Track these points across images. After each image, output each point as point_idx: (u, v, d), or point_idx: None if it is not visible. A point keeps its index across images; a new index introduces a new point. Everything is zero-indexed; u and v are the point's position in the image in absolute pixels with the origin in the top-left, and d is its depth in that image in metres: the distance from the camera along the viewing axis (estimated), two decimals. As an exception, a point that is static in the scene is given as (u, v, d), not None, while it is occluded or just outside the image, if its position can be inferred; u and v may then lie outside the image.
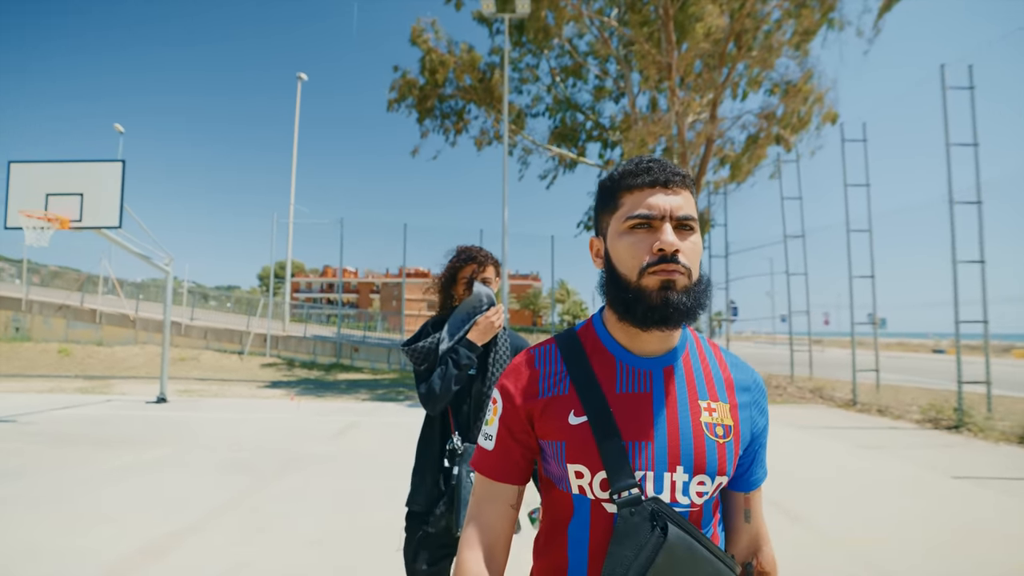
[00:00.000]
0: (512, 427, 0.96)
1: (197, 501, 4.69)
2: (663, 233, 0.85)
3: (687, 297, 0.85)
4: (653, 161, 0.91)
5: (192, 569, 3.37)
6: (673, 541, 0.81)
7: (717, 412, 0.91)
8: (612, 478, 0.85)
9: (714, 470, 0.88)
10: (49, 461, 5.96)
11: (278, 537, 3.91)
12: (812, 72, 16.15)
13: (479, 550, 0.92)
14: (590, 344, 0.97)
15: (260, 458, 6.29)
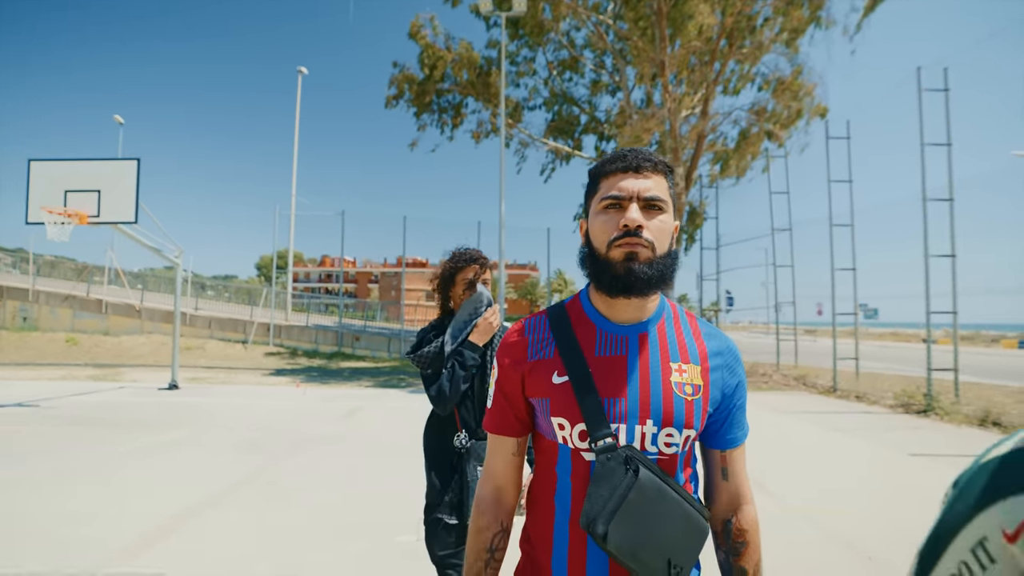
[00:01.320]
0: (505, 389, 1.09)
1: (218, 475, 5.22)
2: (629, 211, 0.97)
3: (649, 268, 0.97)
4: (630, 150, 1.03)
5: (222, 530, 3.90)
6: (644, 481, 0.92)
7: (687, 373, 1.02)
8: (590, 429, 0.97)
9: (681, 423, 0.99)
10: (76, 441, 6.47)
11: (297, 505, 4.43)
12: (802, 68, 16.58)
13: (490, 488, 1.12)
14: (575, 314, 1.09)
15: (273, 438, 6.80)
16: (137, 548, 3.54)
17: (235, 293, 27.43)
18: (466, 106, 20.24)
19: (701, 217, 18.54)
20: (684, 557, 0.95)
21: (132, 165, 8.97)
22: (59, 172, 8.88)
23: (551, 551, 1.03)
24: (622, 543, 0.91)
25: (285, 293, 23.68)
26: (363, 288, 75.27)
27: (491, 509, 1.11)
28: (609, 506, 0.91)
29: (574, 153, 20.50)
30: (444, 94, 19.89)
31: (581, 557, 1.00)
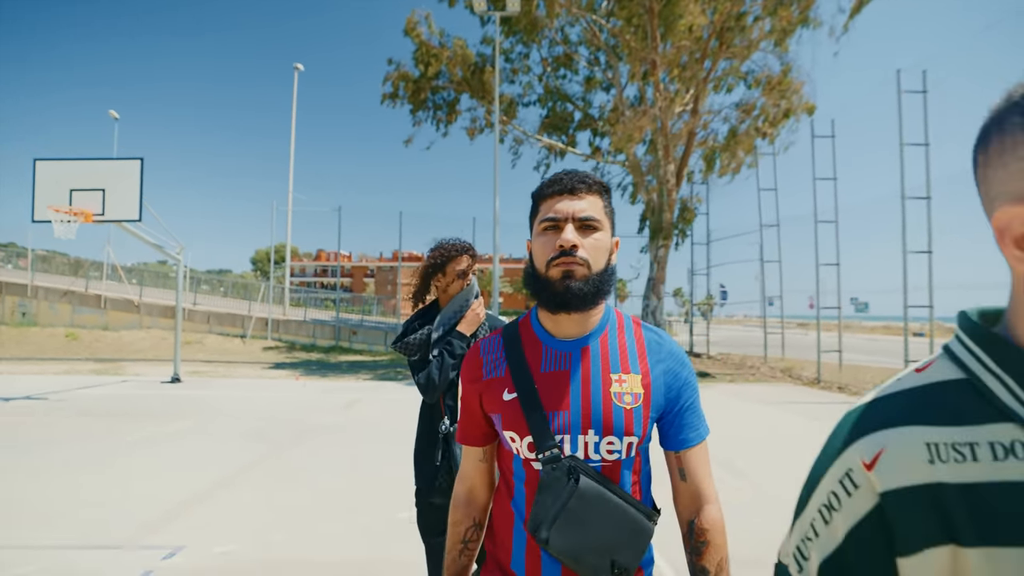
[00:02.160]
0: (468, 405, 1.18)
1: (227, 461, 5.54)
2: (565, 232, 1.04)
3: (585, 285, 1.03)
4: (565, 173, 1.09)
5: (236, 508, 4.23)
6: (584, 489, 0.99)
7: (627, 383, 1.07)
8: (537, 441, 1.04)
9: (621, 431, 1.04)
10: (87, 431, 6.77)
11: (304, 486, 4.76)
12: (790, 67, 16.91)
13: (463, 488, 1.23)
14: (525, 333, 1.16)
15: (276, 428, 7.12)
16: (158, 524, 3.86)
17: (231, 288, 27.64)
18: (460, 103, 20.46)
19: (692, 213, 18.87)
20: (627, 557, 1.01)
21: (136, 164, 9.22)
22: (64, 171, 9.12)
23: (510, 553, 1.11)
24: (564, 547, 0.99)
25: (281, 287, 23.93)
26: (359, 282, 75.42)
27: (463, 507, 1.22)
28: (551, 513, 0.99)
29: (568, 149, 20.76)
30: (439, 91, 20.09)
31: (536, 559, 1.07)
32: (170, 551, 3.44)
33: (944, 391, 0.55)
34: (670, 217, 17.10)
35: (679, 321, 40.95)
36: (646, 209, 18.07)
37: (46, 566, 3.20)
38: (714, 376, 13.86)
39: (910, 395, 0.56)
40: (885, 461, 0.52)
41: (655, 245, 17.63)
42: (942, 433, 0.51)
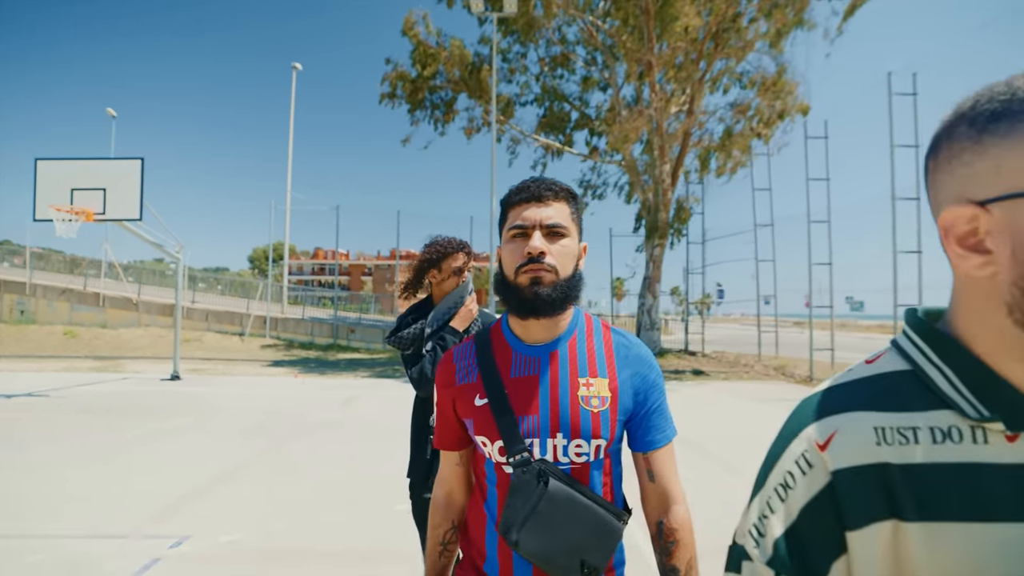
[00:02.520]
0: (443, 410, 1.20)
1: (228, 455, 5.66)
2: (532, 239, 1.05)
3: (553, 291, 1.05)
4: (532, 181, 1.11)
5: (238, 499, 4.36)
6: (553, 492, 1.01)
7: (594, 386, 1.09)
8: (507, 445, 1.06)
9: (588, 434, 1.06)
10: (90, 428, 6.88)
11: (304, 479, 4.89)
12: (785, 67, 17.05)
13: (442, 492, 1.25)
14: (496, 339, 1.18)
15: (275, 424, 7.24)
16: (163, 515, 3.99)
17: (227, 286, 27.69)
18: (458, 102, 20.56)
19: (688, 212, 19.02)
20: (597, 558, 1.04)
21: (136, 164, 9.32)
22: (65, 171, 9.22)
23: (484, 554, 1.14)
24: (533, 549, 1.01)
25: (279, 286, 24.02)
26: (356, 280, 75.44)
27: (442, 510, 1.24)
28: (521, 515, 1.01)
29: (564, 149, 20.88)
30: (436, 90, 20.19)
31: (509, 560, 1.10)
32: (177, 540, 3.57)
33: (891, 381, 0.59)
34: (665, 217, 17.25)
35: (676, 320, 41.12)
36: (642, 208, 18.22)
37: (57, 554, 3.32)
38: (708, 374, 14.02)
39: (861, 384, 0.60)
40: (837, 442, 0.56)
41: (651, 244, 17.77)
42: (888, 418, 0.56)
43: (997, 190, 0.50)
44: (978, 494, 0.51)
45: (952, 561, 0.51)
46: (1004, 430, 0.52)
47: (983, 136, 0.51)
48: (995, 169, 0.50)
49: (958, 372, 0.55)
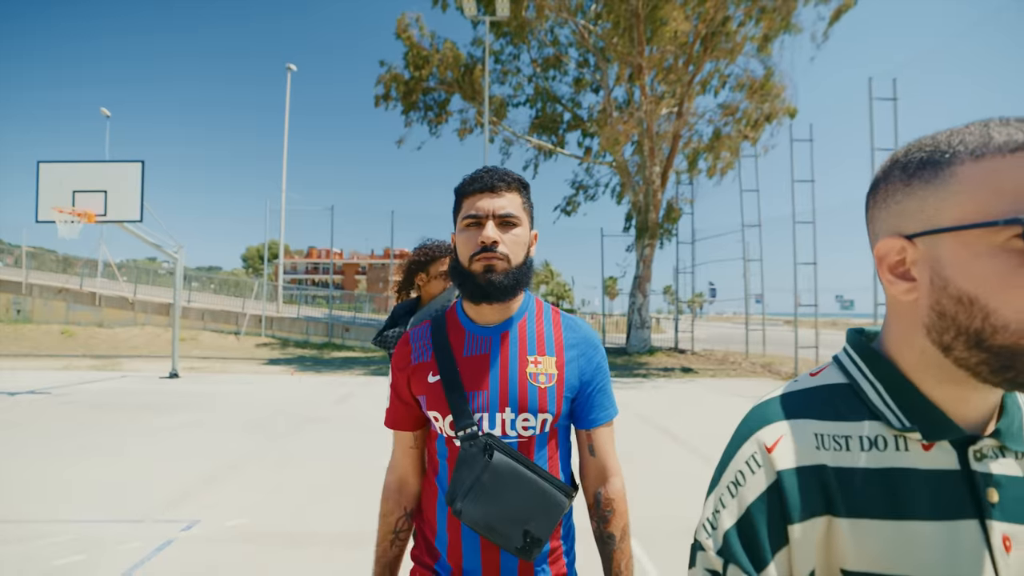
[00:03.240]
0: (397, 389, 1.24)
1: (230, 448, 5.93)
2: (486, 229, 1.10)
3: (505, 278, 1.11)
4: (486, 171, 1.15)
5: (243, 487, 4.63)
6: (496, 464, 1.06)
7: (542, 364, 1.15)
8: (456, 420, 1.10)
9: (535, 409, 1.12)
10: (96, 423, 7.12)
11: (304, 468, 5.16)
12: (773, 71, 17.41)
13: (394, 477, 1.27)
14: (451, 321, 1.24)
15: (274, 419, 7.51)
16: (173, 502, 4.26)
17: (220, 285, 27.83)
18: (451, 104, 20.82)
19: (678, 212, 19.35)
20: (540, 528, 1.08)
21: (137, 167, 9.55)
22: (67, 173, 9.43)
23: (435, 526, 1.19)
24: (476, 518, 1.06)
25: (273, 285, 24.21)
26: (350, 279, 75.53)
27: (394, 496, 1.26)
28: (465, 486, 1.06)
29: (556, 150, 21.15)
30: (430, 91, 20.44)
31: (457, 531, 1.15)
32: (187, 524, 3.84)
33: (831, 392, 0.65)
34: (655, 217, 17.57)
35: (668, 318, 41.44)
36: (632, 208, 18.53)
37: (78, 536, 3.59)
38: (697, 371, 14.35)
39: (805, 394, 0.66)
40: (782, 446, 0.61)
41: (641, 244, 18.09)
42: (826, 426, 0.62)
43: (921, 226, 0.57)
44: (897, 495, 0.58)
45: (874, 553, 0.57)
46: (921, 439, 0.59)
47: (912, 180, 0.58)
48: (920, 208, 0.57)
49: (886, 387, 0.62)
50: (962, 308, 0.54)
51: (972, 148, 0.54)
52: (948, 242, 0.55)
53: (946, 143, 0.56)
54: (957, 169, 0.54)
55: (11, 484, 4.62)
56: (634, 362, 16.53)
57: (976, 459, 0.58)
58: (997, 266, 0.51)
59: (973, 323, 0.53)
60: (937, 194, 0.55)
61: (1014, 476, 0.59)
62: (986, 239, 0.52)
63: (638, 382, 12.62)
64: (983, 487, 0.57)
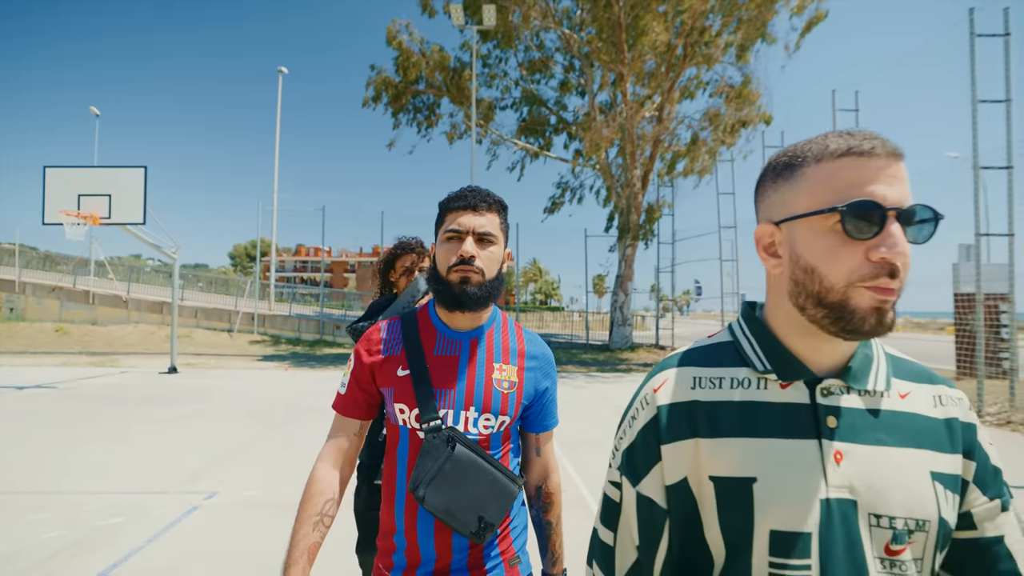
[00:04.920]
0: (359, 378, 1.31)
1: (235, 434, 6.50)
2: (465, 244, 1.21)
3: (479, 290, 1.22)
4: (470, 190, 1.26)
5: (252, 466, 5.21)
6: (458, 455, 1.17)
7: (506, 372, 1.27)
8: (422, 413, 1.20)
9: (497, 411, 1.24)
10: (105, 414, 7.64)
11: (306, 451, 5.73)
12: (750, 78, 18.12)
13: (329, 463, 1.28)
14: (423, 321, 1.32)
15: (274, 410, 8.06)
16: (192, 477, 4.83)
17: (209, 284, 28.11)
18: (440, 107, 21.32)
19: (658, 212, 20.01)
20: (494, 514, 1.19)
21: (139, 172, 10.04)
22: (72, 178, 9.90)
23: (394, 511, 1.27)
24: (437, 504, 1.15)
25: (262, 282, 24.61)
26: (339, 277, 75.65)
27: (327, 478, 1.26)
28: (429, 474, 1.15)
29: (543, 152, 21.73)
30: (419, 95, 20.92)
31: (413, 515, 1.23)
32: (208, 494, 4.42)
33: (716, 348, 0.79)
34: (637, 218, 18.24)
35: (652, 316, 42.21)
36: (614, 209, 19.18)
37: (114, 504, 4.15)
38: (674, 366, 14.99)
39: (696, 350, 0.81)
40: (665, 387, 0.77)
41: (623, 244, 18.76)
42: (705, 371, 0.76)
43: (782, 214, 0.70)
44: (752, 420, 0.71)
45: (732, 462, 0.70)
46: (778, 380, 0.72)
47: (777, 179, 0.71)
48: (782, 200, 0.70)
49: (758, 341, 0.75)
50: (807, 276, 0.67)
51: (815, 154, 0.67)
52: (799, 226, 0.68)
53: (800, 150, 0.70)
54: (805, 170, 0.68)
55: (44, 464, 5.17)
56: (616, 357, 17.19)
57: (823, 395, 0.71)
58: (828, 243, 0.65)
59: (814, 287, 0.66)
60: (792, 189, 0.69)
61: (853, 408, 0.70)
62: (821, 223, 0.66)
63: (619, 376, 13.28)
64: (824, 416, 0.69)
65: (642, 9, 15.85)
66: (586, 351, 19.17)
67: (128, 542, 3.51)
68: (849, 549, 0.65)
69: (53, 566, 3.17)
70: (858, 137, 0.65)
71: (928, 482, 0.68)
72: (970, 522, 0.72)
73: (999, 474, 0.74)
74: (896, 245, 0.62)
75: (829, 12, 16.49)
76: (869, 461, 0.68)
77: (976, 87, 7.98)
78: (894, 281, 0.63)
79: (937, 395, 0.74)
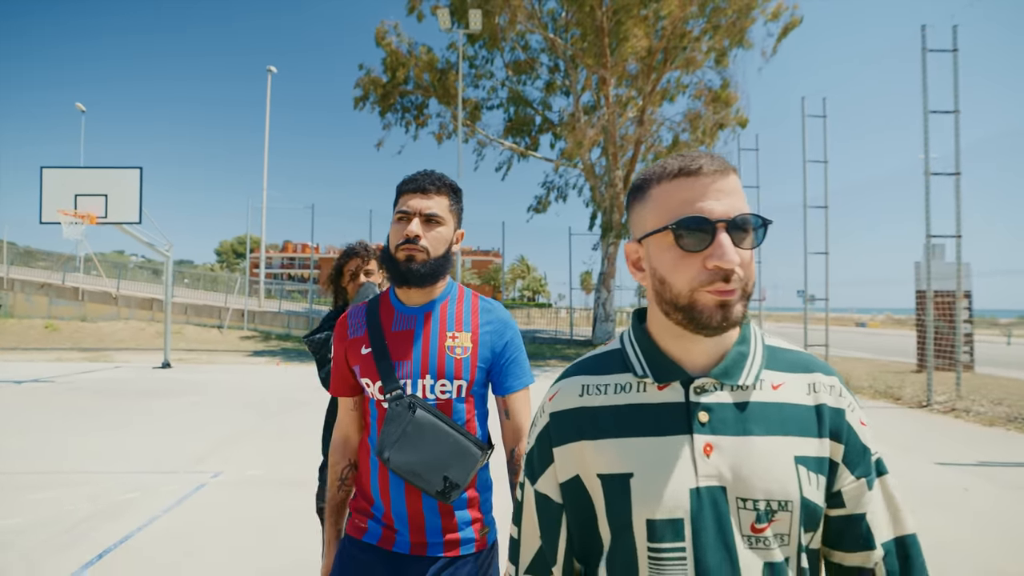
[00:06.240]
0: (337, 361, 1.45)
1: (233, 423, 6.92)
2: (411, 224, 1.31)
3: (423, 267, 1.32)
4: (422, 174, 1.36)
5: (251, 450, 5.64)
6: (419, 418, 1.28)
7: (459, 339, 1.36)
8: (384, 384, 1.32)
9: (451, 375, 1.34)
10: (108, 405, 8.01)
11: (302, 438, 6.17)
12: (729, 82, 18.69)
13: (340, 436, 1.49)
14: (383, 303, 1.44)
15: (266, 402, 8.47)
16: (200, 459, 5.26)
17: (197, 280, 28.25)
18: (428, 107, 21.66)
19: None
20: (457, 475, 1.28)
21: (135, 173, 10.36)
22: (68, 178, 10.20)
23: (369, 476, 1.39)
24: (401, 464, 1.26)
25: (252, 279, 24.84)
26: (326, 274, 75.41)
27: (340, 449, 1.47)
28: (393, 438, 1.26)
29: (529, 153, 22.14)
30: (407, 94, 21.23)
31: (386, 480, 1.34)
32: (214, 473, 4.85)
33: (606, 356, 0.86)
34: (619, 217, 18.76)
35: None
36: (597, 208, 19.68)
37: (128, 482, 4.57)
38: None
39: (588, 359, 0.88)
40: (556, 396, 0.85)
41: (606, 242, 19.27)
42: (593, 379, 0.83)
43: (640, 232, 0.77)
44: (631, 421, 0.77)
45: (613, 460, 0.77)
46: (655, 382, 0.78)
47: (634, 200, 0.79)
48: (639, 220, 0.78)
49: (640, 347, 0.81)
50: (662, 286, 0.74)
51: (657, 176, 0.74)
52: (651, 243, 0.75)
53: (648, 172, 0.76)
54: (650, 191, 0.75)
55: (57, 449, 5.57)
56: (598, 353, 17.63)
57: (695, 393, 0.75)
58: (671, 257, 0.72)
59: (668, 294, 0.73)
60: (644, 209, 0.76)
61: (723, 403, 0.75)
62: (663, 239, 0.73)
63: (599, 370, 13.78)
64: (695, 412, 0.74)
65: (624, 14, 16.32)
66: (569, 346, 19.69)
67: (146, 512, 3.94)
68: (719, 530, 0.71)
69: (84, 529, 3.61)
70: (688, 158, 0.72)
71: (791, 466, 0.73)
72: (841, 501, 0.76)
73: (867, 453, 0.77)
74: (725, 254, 0.68)
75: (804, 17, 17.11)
76: (736, 451, 0.73)
77: (927, 98, 8.56)
78: (729, 284, 0.69)
79: (811, 383, 0.78)
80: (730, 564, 0.70)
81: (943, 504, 4.25)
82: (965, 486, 4.73)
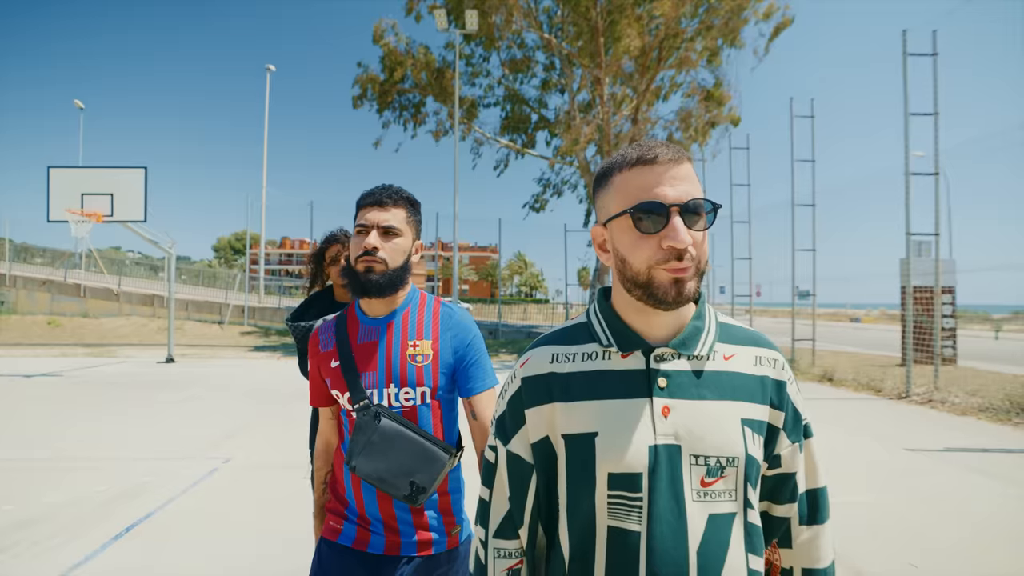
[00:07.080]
0: (312, 374, 1.52)
1: (241, 413, 7.23)
2: (369, 236, 1.36)
3: (381, 278, 1.36)
4: (380, 188, 1.41)
5: (260, 437, 5.96)
6: (384, 427, 1.33)
7: (420, 347, 1.41)
8: (352, 396, 1.37)
9: (414, 383, 1.39)
10: (119, 398, 8.31)
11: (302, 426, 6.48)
12: (722, 81, 18.98)
13: (321, 442, 1.59)
14: (350, 315, 1.49)
15: (269, 393, 8.77)
16: (212, 446, 5.58)
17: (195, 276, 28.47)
18: (425, 105, 21.88)
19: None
20: (425, 479, 1.33)
21: (140, 172, 10.64)
22: (75, 177, 10.47)
23: (343, 483, 1.46)
24: (369, 472, 1.31)
25: (251, 276, 25.12)
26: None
27: (323, 456, 1.58)
28: (360, 447, 1.32)
29: (526, 151, 22.39)
30: (405, 93, 21.45)
31: (358, 486, 1.41)
32: (225, 459, 5.17)
33: (573, 328, 0.92)
34: (613, 214, 19.03)
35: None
36: (591, 205, 19.92)
37: (146, 467, 4.89)
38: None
39: (557, 331, 0.95)
40: (527, 363, 0.91)
41: (600, 239, 19.52)
42: (561, 348, 0.90)
43: (604, 216, 0.84)
44: (597, 385, 0.84)
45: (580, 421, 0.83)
46: (618, 351, 0.84)
47: (599, 186, 0.85)
48: (603, 205, 0.84)
49: (605, 320, 0.88)
50: (623, 264, 0.80)
51: (618, 164, 0.80)
52: (613, 226, 0.82)
53: (611, 161, 0.83)
54: (613, 179, 0.81)
55: (76, 436, 5.88)
56: (593, 348, 17.94)
57: (655, 361, 0.82)
58: (631, 238, 0.78)
59: (628, 272, 0.80)
60: (607, 195, 0.83)
61: (681, 370, 0.82)
62: (624, 222, 0.79)
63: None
64: (655, 378, 0.81)
65: (618, 14, 16.57)
66: (566, 341, 19.84)
67: (167, 492, 4.26)
68: (672, 483, 0.77)
69: (112, 507, 3.93)
70: (646, 147, 0.78)
71: (738, 427, 0.80)
72: (778, 462, 0.86)
73: (799, 421, 0.87)
74: (678, 235, 0.74)
75: (795, 17, 17.39)
76: (690, 412, 0.79)
77: (908, 101, 8.88)
78: (683, 262, 0.76)
79: (758, 356, 0.86)
80: (678, 513, 0.76)
81: (910, 487, 4.59)
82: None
